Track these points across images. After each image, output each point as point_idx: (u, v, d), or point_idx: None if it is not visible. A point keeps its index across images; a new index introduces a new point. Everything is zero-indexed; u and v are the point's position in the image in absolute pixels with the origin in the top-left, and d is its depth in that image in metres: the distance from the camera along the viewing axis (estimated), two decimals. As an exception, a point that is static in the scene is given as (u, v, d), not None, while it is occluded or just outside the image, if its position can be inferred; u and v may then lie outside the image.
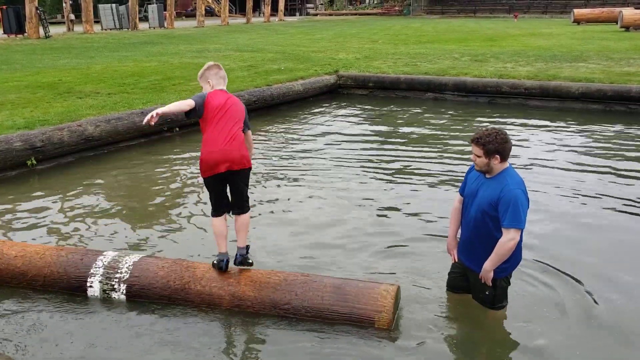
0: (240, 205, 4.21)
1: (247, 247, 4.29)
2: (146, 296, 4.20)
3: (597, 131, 9.92)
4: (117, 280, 4.23)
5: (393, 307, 3.84)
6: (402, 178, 7.32)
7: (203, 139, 4.05)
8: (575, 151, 8.54)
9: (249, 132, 4.29)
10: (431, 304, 4.21)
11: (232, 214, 4.26)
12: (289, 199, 6.52)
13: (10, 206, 6.36)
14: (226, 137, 3.97)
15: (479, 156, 3.68)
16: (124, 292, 4.21)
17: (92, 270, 4.29)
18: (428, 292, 4.36)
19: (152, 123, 3.89)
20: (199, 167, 4.13)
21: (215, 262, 4.22)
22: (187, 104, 4.03)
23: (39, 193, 6.83)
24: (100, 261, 4.32)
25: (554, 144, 9.02)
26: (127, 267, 4.26)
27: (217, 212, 4.21)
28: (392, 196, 6.62)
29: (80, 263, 4.34)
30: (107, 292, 4.24)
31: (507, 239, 3.61)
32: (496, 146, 3.62)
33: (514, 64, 15.28)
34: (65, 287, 4.33)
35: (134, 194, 6.85)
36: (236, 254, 4.24)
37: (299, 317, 3.96)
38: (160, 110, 3.91)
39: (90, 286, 4.26)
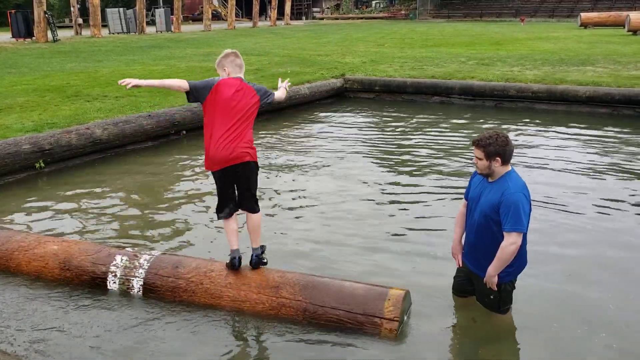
0: (248, 203, 4.20)
1: (263, 248, 4.29)
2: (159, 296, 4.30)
3: (604, 135, 9.88)
4: (133, 278, 4.35)
5: (401, 312, 3.83)
6: (408, 182, 7.32)
7: (208, 133, 4.02)
8: (583, 155, 8.50)
9: (275, 93, 4.35)
10: (437, 307, 4.21)
11: (242, 209, 4.26)
12: (295, 200, 6.54)
13: (20, 208, 6.41)
14: (231, 134, 3.96)
15: (480, 159, 3.69)
16: (140, 289, 4.33)
17: (111, 266, 4.40)
18: (434, 296, 4.35)
19: (127, 88, 3.96)
20: (204, 164, 4.18)
21: (228, 262, 4.25)
22: (177, 84, 4.01)
23: (47, 195, 6.87)
24: (119, 258, 4.44)
25: (561, 148, 8.99)
26: (142, 271, 4.35)
27: (222, 211, 4.21)
28: (398, 200, 6.62)
29: (101, 259, 4.47)
30: (125, 288, 4.37)
31: (509, 242, 3.60)
32: (497, 148, 3.62)
33: (521, 68, 15.25)
34: (85, 282, 4.47)
35: (142, 196, 6.88)
36: (251, 255, 4.26)
37: (304, 320, 3.96)
38: (144, 82, 3.95)
39: (110, 281, 4.38)
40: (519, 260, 3.77)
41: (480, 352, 3.80)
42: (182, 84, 4.01)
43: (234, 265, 4.20)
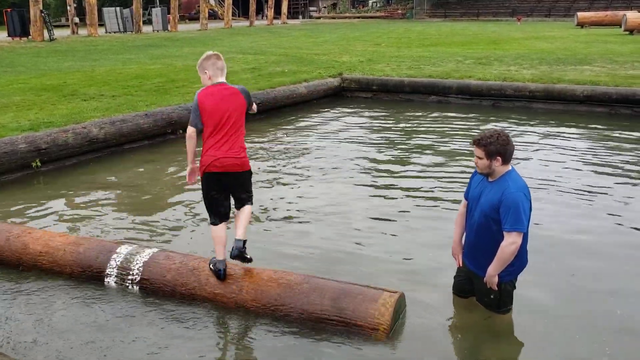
0: (242, 198, 4.20)
1: (244, 242, 4.14)
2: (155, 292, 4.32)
3: (603, 134, 9.88)
4: (129, 277, 4.37)
5: (393, 314, 3.79)
6: (405, 181, 7.30)
7: (204, 145, 4.05)
8: (581, 154, 8.50)
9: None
10: (437, 307, 4.19)
11: (235, 208, 4.26)
12: (291, 201, 6.51)
13: (17, 207, 6.37)
14: (226, 145, 3.97)
15: (480, 158, 3.66)
16: (137, 285, 4.35)
17: (109, 262, 4.42)
18: (434, 296, 4.33)
19: (193, 181, 4.20)
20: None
21: (212, 267, 4.16)
22: (193, 136, 4.08)
23: (44, 195, 6.83)
24: (117, 255, 4.45)
25: (559, 147, 8.99)
26: (137, 268, 4.37)
27: (214, 220, 4.18)
28: (395, 199, 6.60)
29: (99, 255, 4.48)
30: (122, 284, 4.39)
31: (509, 242, 3.59)
32: (497, 147, 3.59)
33: (518, 67, 15.26)
34: (83, 278, 4.49)
35: (139, 195, 6.85)
36: (232, 247, 4.11)
37: (298, 320, 3.92)
38: (190, 165, 4.16)
39: (107, 277, 4.40)
40: (520, 259, 3.75)
41: (479, 353, 3.78)
42: (193, 134, 4.08)
43: (219, 276, 4.11)
